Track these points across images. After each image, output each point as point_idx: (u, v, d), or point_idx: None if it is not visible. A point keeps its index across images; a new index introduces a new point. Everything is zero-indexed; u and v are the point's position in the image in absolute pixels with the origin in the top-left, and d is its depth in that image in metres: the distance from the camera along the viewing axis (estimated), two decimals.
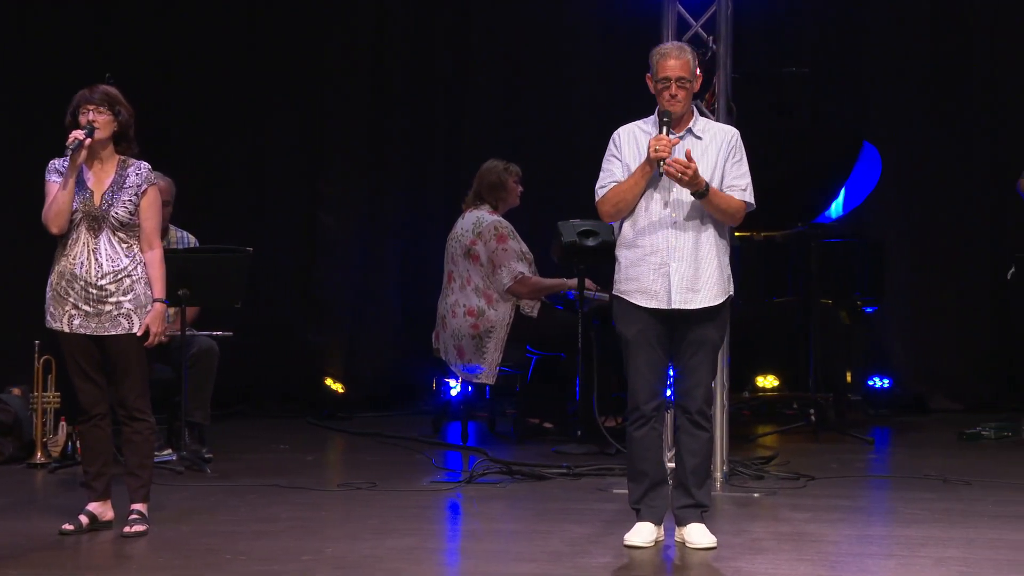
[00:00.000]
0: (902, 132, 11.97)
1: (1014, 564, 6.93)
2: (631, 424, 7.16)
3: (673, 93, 7.03)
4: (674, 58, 7.07)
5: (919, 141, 12.01)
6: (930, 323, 12.12)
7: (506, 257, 10.14)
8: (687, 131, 7.11)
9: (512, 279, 10.13)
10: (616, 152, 7.17)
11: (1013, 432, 10.65)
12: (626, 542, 7.16)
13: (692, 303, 7.05)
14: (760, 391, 12.15)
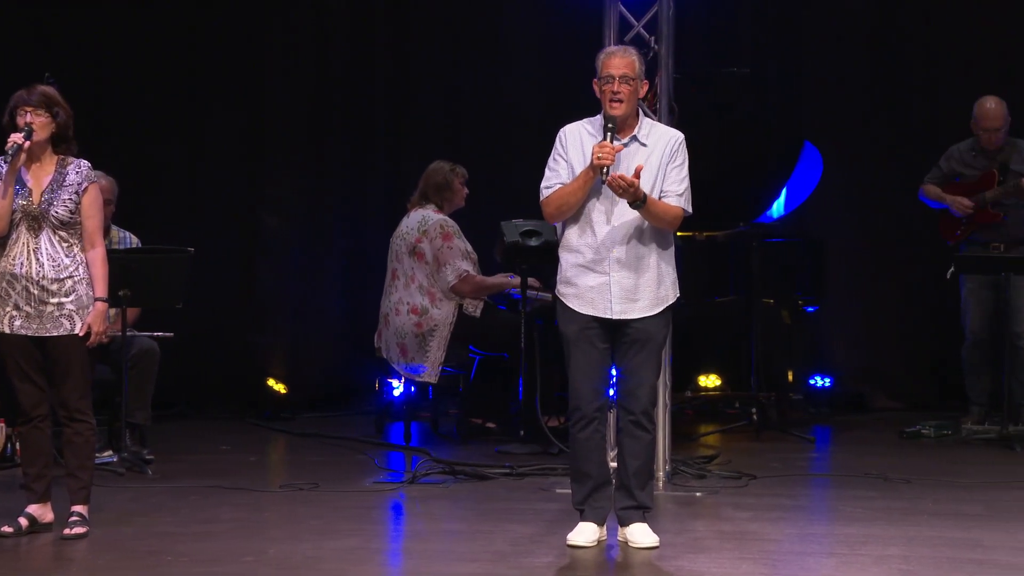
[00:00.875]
0: (843, 132, 12.02)
1: (954, 562, 6.98)
2: (574, 425, 7.16)
3: (616, 90, 7.02)
4: (619, 56, 7.09)
5: (860, 141, 12.06)
6: (871, 323, 12.18)
7: (451, 255, 10.14)
8: (632, 138, 7.10)
9: (456, 277, 10.13)
10: (562, 152, 7.16)
11: (953, 431, 10.72)
12: (569, 542, 7.17)
13: (631, 313, 7.05)
14: (702, 390, 12.18)
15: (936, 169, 10.91)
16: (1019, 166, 10.60)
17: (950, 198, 10.77)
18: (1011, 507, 8.22)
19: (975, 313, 10.72)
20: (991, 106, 10.64)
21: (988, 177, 10.68)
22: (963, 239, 10.79)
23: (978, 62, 11.86)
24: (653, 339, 7.12)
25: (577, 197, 7.06)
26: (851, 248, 12.07)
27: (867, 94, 12.10)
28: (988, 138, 10.67)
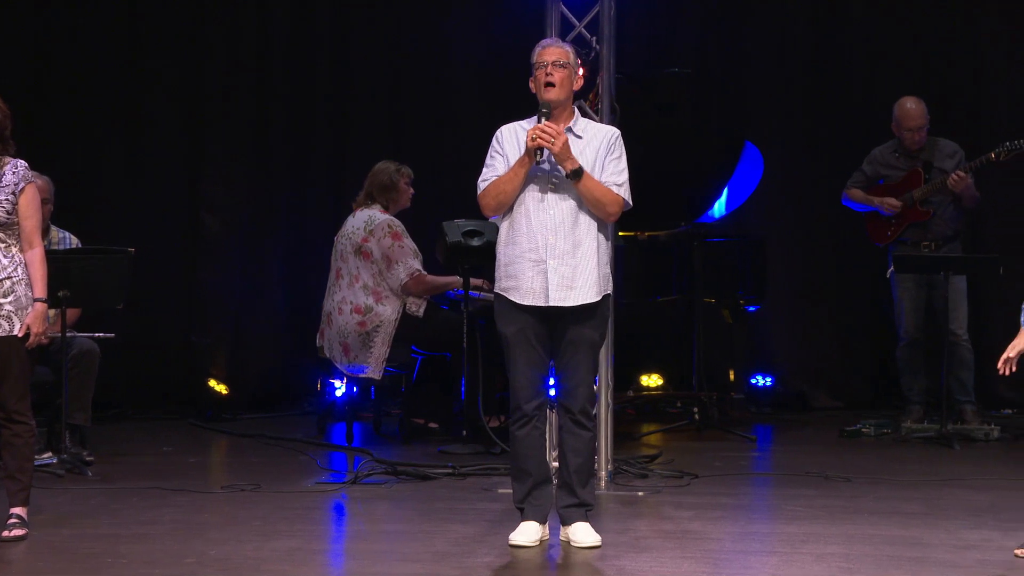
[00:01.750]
0: (784, 132, 12.09)
1: (893, 560, 7.02)
2: (513, 424, 7.18)
3: (549, 72, 7.07)
4: (552, 47, 7.17)
5: (800, 141, 12.13)
6: (812, 322, 12.25)
7: (402, 254, 10.13)
8: (567, 129, 7.14)
9: (409, 276, 10.13)
10: (499, 148, 7.19)
11: (892, 429, 10.78)
12: (511, 541, 7.18)
13: (569, 300, 7.07)
14: (644, 390, 12.21)
15: (859, 173, 10.98)
16: (942, 163, 10.70)
17: (878, 200, 10.84)
18: (950, 505, 8.28)
19: (909, 313, 10.80)
20: (911, 106, 10.73)
21: (914, 176, 10.76)
22: (894, 239, 10.86)
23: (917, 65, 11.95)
24: (589, 339, 7.15)
25: (514, 184, 7.07)
26: (792, 248, 12.13)
27: (807, 94, 12.17)
28: (910, 138, 10.75)
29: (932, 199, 10.71)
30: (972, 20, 11.95)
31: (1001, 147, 10.32)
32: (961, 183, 10.51)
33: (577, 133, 7.17)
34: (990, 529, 7.64)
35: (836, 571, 6.83)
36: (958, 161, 10.68)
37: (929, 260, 10.70)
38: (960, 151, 10.75)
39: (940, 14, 11.89)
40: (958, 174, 10.50)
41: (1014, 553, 7.10)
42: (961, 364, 10.73)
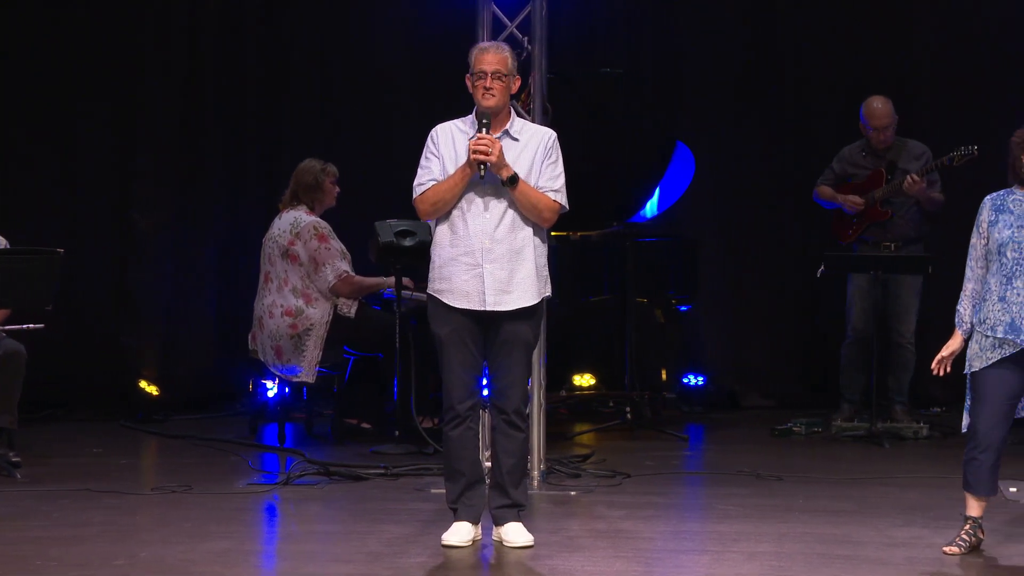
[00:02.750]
0: (715, 132, 12.12)
1: (824, 558, 7.06)
2: (446, 424, 7.19)
3: (488, 86, 7.08)
4: (492, 52, 7.15)
5: (731, 141, 12.16)
6: (743, 321, 12.29)
7: (329, 256, 10.09)
8: (504, 132, 7.15)
9: (336, 277, 10.09)
10: (434, 149, 7.20)
11: (823, 428, 10.84)
12: (443, 542, 7.18)
13: (505, 305, 7.09)
14: (577, 389, 12.21)
15: (829, 171, 11.03)
16: (907, 164, 10.75)
17: (841, 197, 10.90)
18: (880, 503, 8.34)
19: (859, 310, 10.83)
20: (878, 105, 10.77)
21: (876, 176, 10.82)
22: (855, 238, 10.92)
23: (849, 64, 12.01)
24: (524, 340, 7.16)
25: (453, 193, 7.09)
26: (723, 247, 12.17)
27: (739, 94, 12.20)
28: (877, 137, 10.80)
29: (894, 200, 10.76)
30: (906, 19, 12.02)
31: (955, 152, 10.37)
32: (914, 187, 10.55)
33: (514, 135, 7.18)
34: (919, 527, 7.70)
35: (767, 569, 6.87)
36: (924, 162, 10.71)
37: (859, 259, 10.76)
38: (928, 153, 10.75)
39: (874, 13, 11.95)
40: (912, 178, 10.55)
41: (943, 550, 7.17)
42: (902, 366, 10.80)
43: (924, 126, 11.38)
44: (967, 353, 7.15)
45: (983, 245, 7.15)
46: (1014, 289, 7.02)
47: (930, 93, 11.91)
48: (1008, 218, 7.08)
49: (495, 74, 7.10)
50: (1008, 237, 7.04)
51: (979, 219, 7.18)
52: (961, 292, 7.21)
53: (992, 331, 7.03)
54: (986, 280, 7.12)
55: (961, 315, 7.19)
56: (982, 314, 7.08)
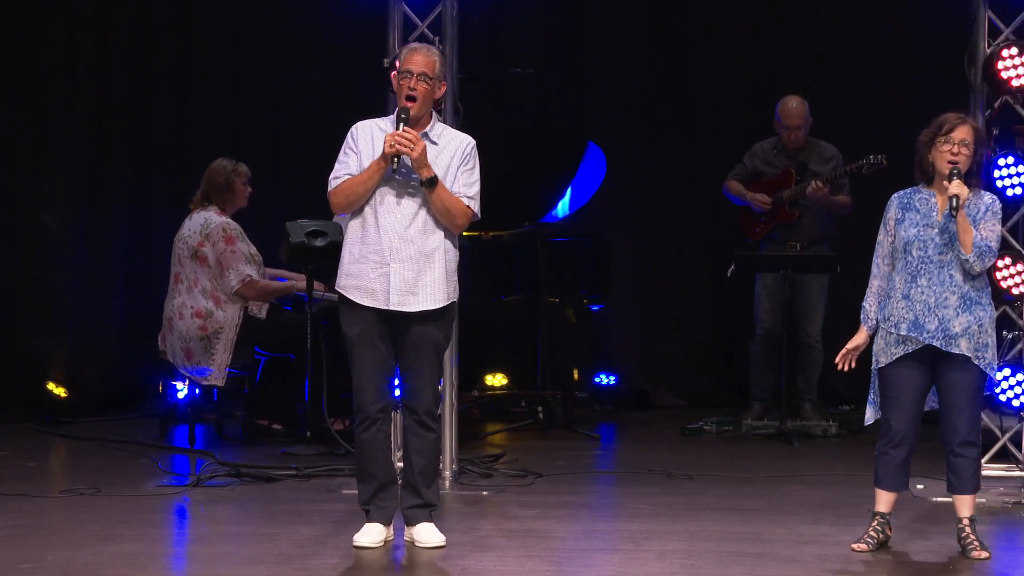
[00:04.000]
0: (625, 132, 12.16)
1: (735, 556, 7.11)
2: (358, 426, 7.18)
3: (412, 86, 7.08)
4: (421, 54, 7.17)
5: (641, 141, 12.21)
6: (654, 320, 12.33)
7: (234, 259, 10.04)
8: (424, 135, 7.15)
9: (240, 282, 10.03)
10: (353, 145, 7.20)
11: (733, 427, 10.90)
12: (355, 543, 7.17)
13: (409, 306, 7.09)
14: (489, 389, 12.23)
15: (740, 166, 11.09)
16: (817, 166, 10.83)
17: (750, 195, 10.96)
18: (789, 501, 8.41)
19: (766, 309, 10.91)
20: (793, 105, 10.85)
21: (786, 176, 10.90)
22: (762, 236, 10.99)
23: (759, 64, 12.08)
24: (434, 341, 7.17)
25: (367, 187, 7.09)
26: (635, 247, 12.21)
27: (649, 94, 12.25)
28: (789, 136, 10.88)
29: (802, 201, 10.83)
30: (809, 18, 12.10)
31: (864, 160, 10.46)
32: (818, 193, 10.63)
33: (433, 139, 7.19)
34: (828, 524, 7.77)
35: (678, 568, 6.91)
36: (834, 165, 10.79)
37: (769, 259, 10.83)
38: (838, 156, 10.83)
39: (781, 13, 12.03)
40: (816, 184, 10.62)
41: (851, 547, 7.23)
42: (810, 364, 10.89)
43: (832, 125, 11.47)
44: (873, 349, 7.23)
45: (889, 243, 7.22)
46: (918, 287, 7.10)
47: (838, 91, 11.98)
48: (914, 216, 7.16)
49: (420, 76, 7.10)
50: (914, 235, 7.12)
51: (886, 216, 7.25)
52: (867, 288, 7.29)
53: (896, 328, 7.11)
54: (891, 277, 7.20)
55: (866, 311, 7.26)
56: (887, 311, 7.16)
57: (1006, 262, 8.39)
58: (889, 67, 11.81)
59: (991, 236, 7.11)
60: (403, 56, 7.21)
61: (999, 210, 7.22)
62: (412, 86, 7.11)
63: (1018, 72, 8.44)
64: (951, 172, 7.05)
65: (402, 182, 7.09)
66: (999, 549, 7.30)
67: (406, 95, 7.11)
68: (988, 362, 7.12)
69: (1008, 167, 8.52)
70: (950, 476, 7.22)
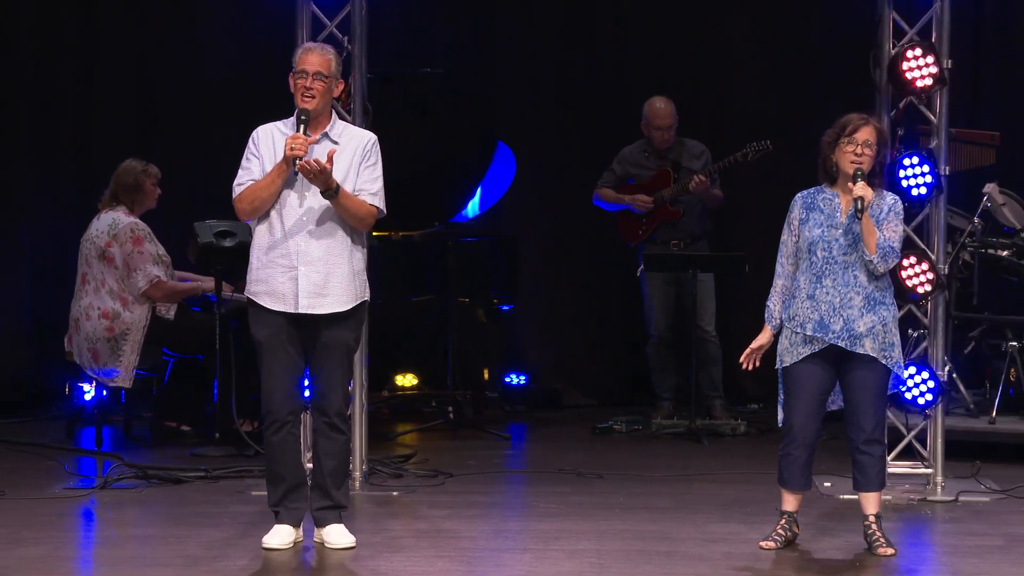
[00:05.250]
0: (535, 132, 12.17)
1: (644, 554, 7.15)
2: (267, 429, 7.17)
3: (308, 86, 7.08)
4: (315, 53, 7.17)
5: (551, 141, 12.22)
6: (564, 320, 12.35)
7: (142, 260, 9.97)
8: (324, 135, 7.14)
9: (147, 283, 9.97)
10: (255, 150, 7.18)
11: (643, 426, 10.94)
12: (264, 544, 7.15)
13: (319, 308, 7.09)
14: (399, 390, 12.20)
15: (609, 173, 11.14)
16: (690, 163, 10.91)
17: (629, 197, 11.00)
18: (698, 499, 8.45)
19: (658, 311, 10.98)
20: (660, 106, 10.92)
21: (663, 175, 10.96)
22: (645, 237, 11.04)
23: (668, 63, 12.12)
24: (344, 343, 7.16)
25: (270, 191, 7.07)
26: (545, 247, 12.23)
27: (558, 95, 12.26)
28: (659, 137, 10.94)
29: (682, 199, 10.90)
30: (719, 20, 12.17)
31: (748, 147, 10.54)
32: (701, 186, 10.70)
33: (334, 138, 7.19)
34: (737, 523, 7.83)
35: (588, 567, 6.93)
36: (705, 161, 10.89)
37: (678, 258, 10.89)
38: (707, 152, 10.96)
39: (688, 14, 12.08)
40: (699, 178, 10.69)
41: (759, 545, 7.29)
42: (710, 360, 10.95)
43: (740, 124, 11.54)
44: (778, 348, 7.28)
45: (793, 242, 7.28)
46: (823, 288, 7.16)
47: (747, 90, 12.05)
48: (818, 217, 7.21)
49: (316, 75, 7.10)
50: (818, 236, 7.18)
51: (790, 216, 7.31)
52: (771, 288, 7.34)
53: (801, 328, 7.16)
54: (796, 277, 7.25)
55: (771, 311, 7.31)
56: (791, 311, 7.21)
57: (911, 261, 8.46)
58: (797, 67, 11.89)
59: (894, 237, 7.19)
60: (297, 56, 7.21)
61: (901, 210, 7.30)
62: (308, 85, 7.10)
63: (922, 73, 8.51)
64: (855, 173, 7.12)
65: (305, 185, 7.07)
66: (905, 546, 7.39)
67: (303, 95, 7.10)
68: (895, 361, 7.19)
69: (913, 167, 8.59)
70: (856, 474, 7.29)
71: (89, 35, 12.15)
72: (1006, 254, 10.00)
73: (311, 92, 7.09)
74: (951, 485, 8.60)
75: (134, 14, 12.17)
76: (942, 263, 8.67)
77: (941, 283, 8.61)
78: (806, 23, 11.92)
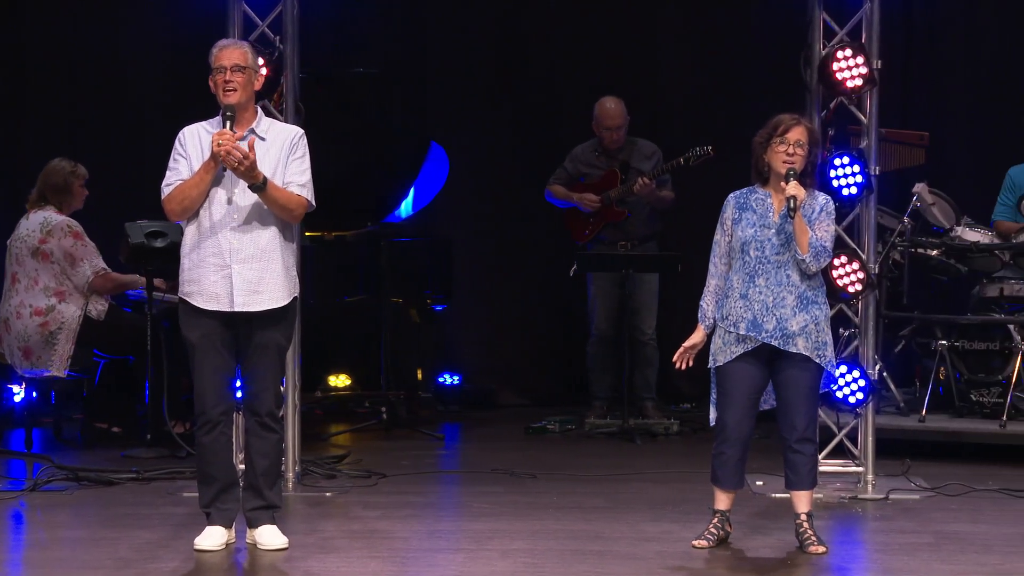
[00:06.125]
0: (468, 132, 12.17)
1: (577, 554, 7.16)
2: (199, 430, 7.14)
3: (228, 79, 7.05)
4: (229, 48, 7.15)
5: (484, 140, 12.23)
6: (498, 320, 12.36)
7: (87, 253, 9.93)
8: (250, 131, 7.12)
9: (95, 273, 9.94)
10: (182, 151, 7.15)
11: (576, 425, 10.96)
12: (196, 546, 7.12)
13: (255, 305, 7.06)
14: (333, 390, 12.18)
15: (561, 170, 11.15)
16: (639, 164, 10.92)
17: (577, 196, 11.02)
18: (631, 499, 8.48)
19: (601, 310, 11.00)
20: (611, 106, 10.93)
21: (610, 176, 10.97)
22: (592, 237, 11.05)
23: (599, 63, 12.14)
24: (276, 342, 7.15)
25: (199, 189, 7.05)
26: (478, 247, 12.23)
27: (491, 95, 12.27)
28: (609, 137, 10.95)
29: (629, 200, 10.92)
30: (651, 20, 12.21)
31: (691, 152, 10.56)
32: (645, 188, 10.72)
33: (261, 134, 7.16)
34: (669, 521, 7.85)
35: (521, 567, 6.94)
36: (655, 162, 10.89)
37: (612, 258, 10.91)
38: (659, 152, 10.94)
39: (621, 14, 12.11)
40: (643, 180, 10.71)
41: (692, 544, 7.31)
42: (646, 362, 10.99)
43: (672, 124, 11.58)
44: (711, 347, 7.30)
45: (727, 242, 7.30)
46: (756, 287, 7.18)
47: (678, 91, 12.10)
48: (751, 216, 7.24)
49: (234, 68, 7.07)
50: (751, 236, 7.21)
51: (723, 216, 7.33)
52: (704, 287, 7.36)
53: (735, 327, 7.19)
54: (729, 277, 7.28)
55: (704, 310, 7.34)
56: (725, 310, 7.24)
57: (842, 261, 8.50)
58: (728, 67, 11.95)
59: (826, 236, 7.22)
60: (213, 55, 7.16)
61: (833, 210, 7.33)
62: (228, 79, 7.07)
63: (852, 73, 8.56)
64: (787, 173, 7.15)
65: (234, 183, 7.05)
66: (836, 544, 7.43)
67: (224, 89, 7.07)
68: (827, 360, 7.23)
69: (843, 167, 8.63)
70: (788, 472, 7.33)
71: (16, 34, 12.06)
72: (936, 253, 10.07)
73: (232, 85, 7.05)
74: (882, 483, 8.66)
75: (62, 13, 12.08)
76: (873, 262, 8.72)
77: (872, 282, 8.66)
78: (738, 24, 11.97)
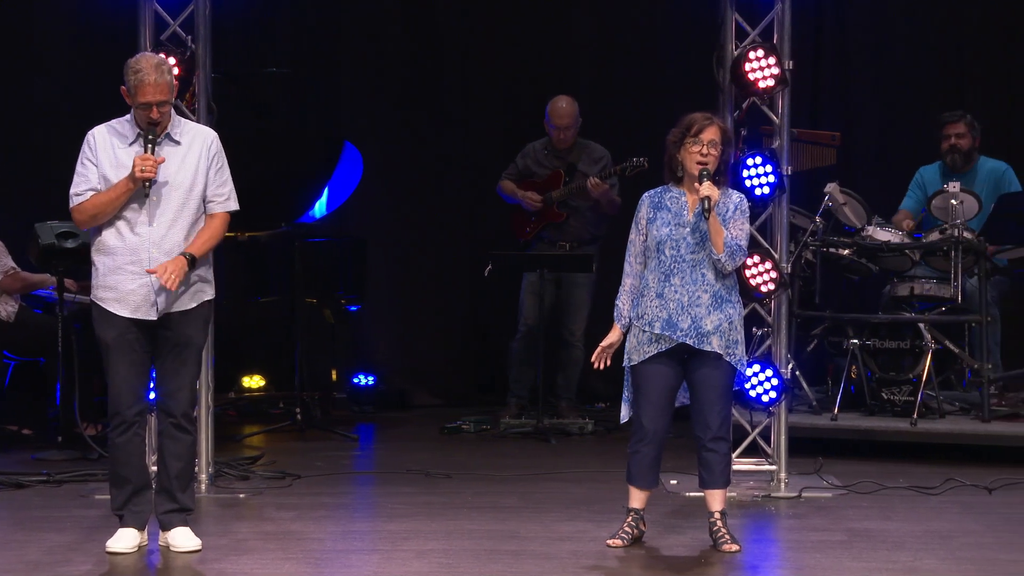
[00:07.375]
0: (381, 131, 12.15)
1: (492, 553, 7.17)
2: (113, 430, 7.09)
3: (154, 117, 6.94)
4: (152, 84, 6.95)
5: (398, 140, 12.21)
6: (412, 321, 12.35)
7: None
8: (166, 136, 7.06)
9: (3, 273, 9.88)
10: (91, 155, 7.07)
11: (491, 425, 10.97)
12: (108, 549, 7.08)
13: (174, 307, 7.03)
14: (246, 391, 12.13)
15: (513, 166, 11.17)
16: (587, 167, 10.93)
17: (521, 193, 11.04)
18: (545, 498, 8.49)
19: (530, 305, 10.99)
20: (562, 105, 10.95)
21: (555, 177, 11.00)
22: (532, 236, 11.07)
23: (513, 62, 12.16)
24: (192, 343, 7.11)
25: (115, 206, 7.00)
26: (392, 247, 12.22)
27: (405, 93, 12.25)
28: (557, 136, 10.97)
29: (571, 202, 10.93)
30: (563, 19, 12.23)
31: (627, 163, 10.59)
32: (598, 188, 10.73)
33: (176, 138, 7.10)
34: (584, 521, 7.87)
35: (436, 567, 6.94)
36: (603, 166, 10.90)
37: (525, 258, 10.93)
38: (607, 156, 10.95)
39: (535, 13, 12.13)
40: (594, 180, 10.72)
41: (606, 543, 7.33)
42: (571, 363, 11.02)
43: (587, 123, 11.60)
44: (626, 346, 7.32)
45: (642, 241, 7.32)
46: (672, 286, 7.21)
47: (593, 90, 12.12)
48: (666, 216, 7.27)
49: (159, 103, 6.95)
50: (666, 235, 7.23)
51: (638, 216, 7.35)
52: (620, 287, 7.38)
53: (650, 326, 7.21)
54: (644, 276, 7.30)
55: (620, 309, 7.35)
56: (640, 309, 7.26)
57: (755, 260, 8.55)
58: (640, 67, 12.00)
59: (741, 235, 7.26)
60: (132, 86, 6.95)
61: (747, 209, 7.37)
62: (154, 116, 6.95)
63: (764, 74, 8.61)
64: (701, 173, 7.17)
65: (153, 190, 6.98)
66: (749, 542, 7.48)
67: (148, 122, 6.97)
68: (739, 358, 7.26)
69: (756, 167, 8.68)
70: (702, 471, 7.36)
71: None
72: (847, 253, 10.15)
73: (157, 118, 6.97)
74: (794, 481, 8.72)
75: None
76: (785, 262, 8.78)
77: (784, 282, 8.72)
78: (649, 24, 12.02)
